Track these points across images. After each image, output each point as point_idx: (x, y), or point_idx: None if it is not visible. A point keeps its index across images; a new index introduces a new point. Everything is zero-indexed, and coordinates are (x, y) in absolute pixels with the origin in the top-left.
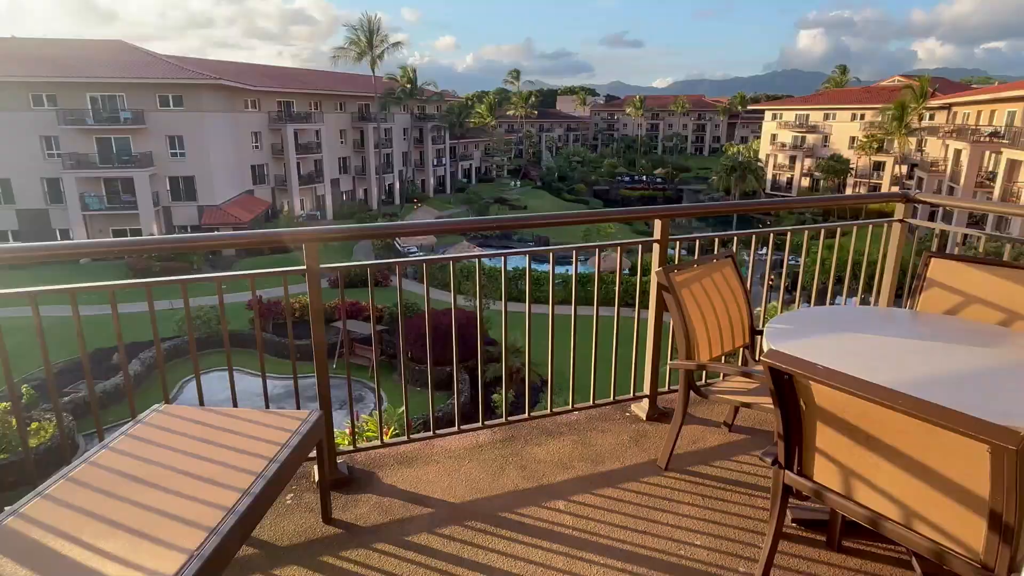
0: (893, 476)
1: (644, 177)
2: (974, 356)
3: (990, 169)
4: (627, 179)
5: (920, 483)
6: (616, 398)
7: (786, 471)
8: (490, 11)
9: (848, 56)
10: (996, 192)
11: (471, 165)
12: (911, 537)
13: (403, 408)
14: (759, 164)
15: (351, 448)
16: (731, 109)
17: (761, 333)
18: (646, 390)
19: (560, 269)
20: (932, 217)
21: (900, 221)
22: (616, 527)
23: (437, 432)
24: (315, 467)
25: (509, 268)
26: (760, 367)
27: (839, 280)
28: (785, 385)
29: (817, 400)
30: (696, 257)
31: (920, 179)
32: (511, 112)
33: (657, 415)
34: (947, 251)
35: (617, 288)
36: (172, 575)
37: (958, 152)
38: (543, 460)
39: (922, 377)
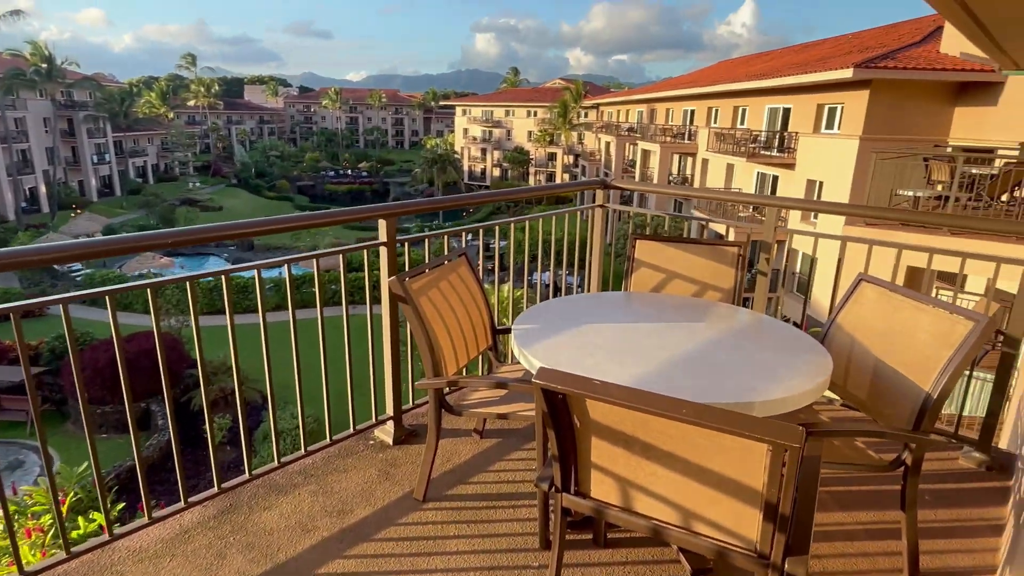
0: (671, 482)
1: (349, 171)
2: (696, 333)
3: (630, 158)
4: (332, 174)
5: (698, 485)
6: (356, 427)
7: (564, 494)
8: None
9: (517, 59)
10: (637, 175)
11: (146, 162)
12: (692, 540)
13: (88, 464)
14: (456, 156)
15: None
16: (425, 104)
17: (505, 332)
18: (389, 411)
19: (268, 273)
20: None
21: (601, 207)
22: None
23: (116, 533)
24: None
25: (211, 278)
26: (507, 373)
27: (549, 264)
28: (559, 404)
29: (592, 415)
30: (428, 260)
31: (583, 167)
32: (192, 102)
33: (405, 436)
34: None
35: (344, 304)
36: None
37: (608, 144)
38: (276, 528)
39: (665, 364)
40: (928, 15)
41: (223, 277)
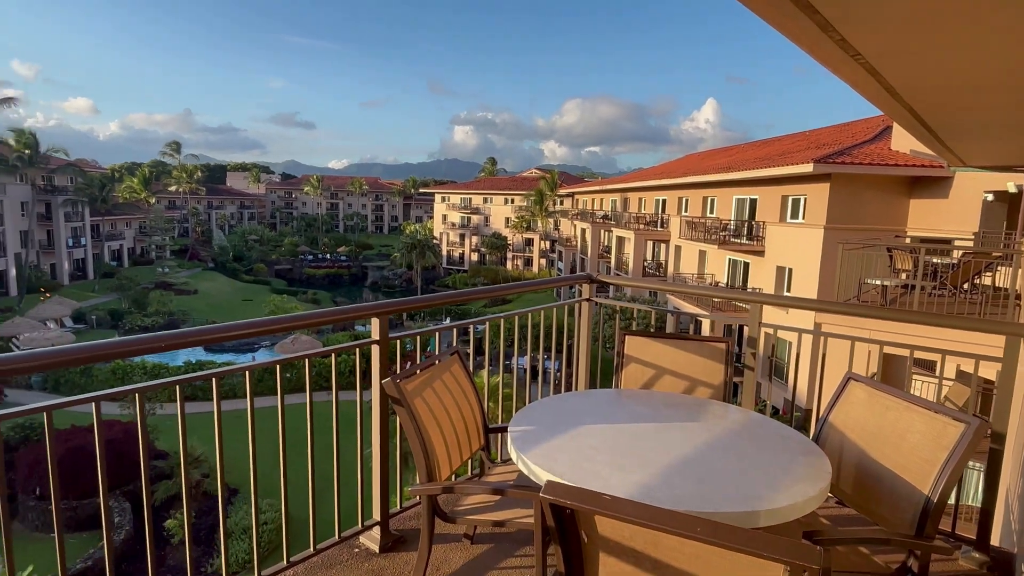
0: None
1: (328, 255)
2: (691, 433)
3: (606, 244)
4: (310, 257)
5: None
6: (341, 535)
7: None
8: (134, 76)
9: (495, 150)
10: (612, 260)
11: (121, 245)
12: None
13: (32, 570)
14: (435, 241)
15: None
16: (405, 191)
17: (497, 431)
18: (376, 515)
19: (239, 356)
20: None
21: (588, 300)
22: None
23: None
24: None
25: (179, 363)
26: (500, 476)
27: (538, 351)
28: (566, 518)
29: (601, 530)
30: (419, 360)
31: (560, 252)
32: (174, 187)
33: (392, 543)
34: (628, 328)
35: (335, 407)
36: None
37: (584, 230)
38: None
39: (664, 469)
40: (876, 116)
41: (213, 380)
